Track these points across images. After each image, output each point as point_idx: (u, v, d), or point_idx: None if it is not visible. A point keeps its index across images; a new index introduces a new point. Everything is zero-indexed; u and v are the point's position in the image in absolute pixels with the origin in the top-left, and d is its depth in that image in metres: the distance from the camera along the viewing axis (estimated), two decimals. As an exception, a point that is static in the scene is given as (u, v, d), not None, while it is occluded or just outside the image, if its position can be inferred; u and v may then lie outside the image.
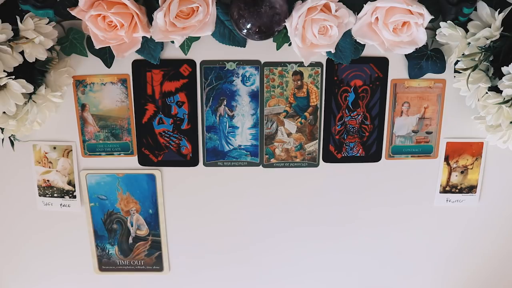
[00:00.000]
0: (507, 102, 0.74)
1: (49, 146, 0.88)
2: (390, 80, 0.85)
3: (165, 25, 0.71)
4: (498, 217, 0.96)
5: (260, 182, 0.92)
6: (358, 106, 0.87)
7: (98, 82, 0.84)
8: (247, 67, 0.84)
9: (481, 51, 0.74)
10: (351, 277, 1.01)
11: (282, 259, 0.99)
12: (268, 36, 0.74)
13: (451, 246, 0.98)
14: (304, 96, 0.86)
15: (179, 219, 0.94)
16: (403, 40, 0.74)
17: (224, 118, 0.87)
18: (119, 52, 0.75)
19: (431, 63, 0.82)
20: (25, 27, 0.71)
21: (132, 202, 0.93)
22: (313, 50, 0.75)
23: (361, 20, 0.73)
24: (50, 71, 0.78)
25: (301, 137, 0.89)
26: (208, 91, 0.85)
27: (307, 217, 0.95)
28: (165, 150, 0.89)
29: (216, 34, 0.77)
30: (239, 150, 0.89)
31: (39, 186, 0.91)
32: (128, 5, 0.70)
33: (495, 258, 1.00)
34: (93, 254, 0.97)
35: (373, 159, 0.90)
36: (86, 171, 0.90)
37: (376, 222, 0.96)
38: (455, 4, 0.73)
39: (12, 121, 0.76)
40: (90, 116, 0.86)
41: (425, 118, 0.88)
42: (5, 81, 0.70)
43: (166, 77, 0.84)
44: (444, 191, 0.93)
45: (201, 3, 0.70)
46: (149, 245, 0.96)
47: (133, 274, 0.99)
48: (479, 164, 0.92)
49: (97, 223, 0.94)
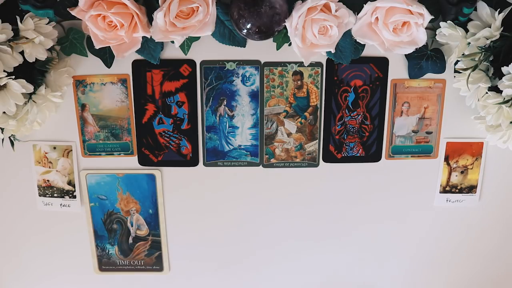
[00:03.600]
0: (507, 102, 0.74)
1: (49, 146, 0.88)
2: (390, 80, 0.85)
3: (165, 25, 0.71)
4: (498, 217, 0.96)
5: (260, 182, 0.92)
6: (358, 106, 0.87)
7: (98, 82, 0.84)
8: (247, 67, 0.84)
9: (481, 51, 0.74)
10: (351, 276, 1.01)
11: (282, 258, 0.98)
12: (268, 36, 0.74)
13: (451, 246, 0.98)
14: (304, 96, 0.86)
15: (179, 219, 0.94)
16: (403, 40, 0.74)
17: (224, 118, 0.87)
18: (119, 52, 0.75)
19: (431, 63, 0.82)
20: (25, 27, 0.71)
21: (132, 202, 0.93)
22: (313, 50, 0.75)
23: (361, 20, 0.73)
24: (50, 71, 0.78)
25: (301, 137, 0.89)
26: (208, 91, 0.85)
27: (307, 217, 0.95)
28: (165, 150, 0.89)
29: (216, 34, 0.77)
30: (239, 150, 0.89)
31: (39, 186, 0.91)
32: (128, 5, 0.70)
33: (495, 258, 1.00)
34: (93, 254, 0.97)
35: (373, 159, 0.90)
36: (86, 171, 0.90)
37: (376, 222, 0.96)
38: (455, 4, 0.73)
39: (12, 121, 0.76)
40: (90, 116, 0.86)
41: (425, 118, 0.88)
42: (5, 81, 0.70)
43: (166, 77, 0.84)
44: (444, 191, 0.93)
45: (201, 3, 0.70)
46: (149, 245, 0.96)
47: (133, 274, 0.99)
48: (479, 164, 0.91)
49: (97, 223, 0.94)
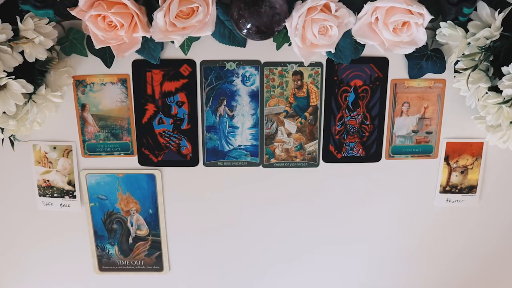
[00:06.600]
0: (507, 102, 0.74)
1: (49, 146, 0.88)
2: (390, 80, 0.85)
3: (165, 25, 0.71)
4: (498, 217, 0.96)
5: (260, 182, 0.91)
6: (358, 106, 0.87)
7: (98, 82, 0.84)
8: (247, 67, 0.84)
9: (481, 51, 0.74)
10: (351, 276, 1.01)
11: (282, 258, 0.98)
12: (268, 36, 0.74)
13: (451, 246, 0.98)
14: (304, 96, 0.86)
15: (179, 219, 0.94)
16: (403, 40, 0.74)
17: (224, 118, 0.87)
18: (119, 52, 0.75)
19: (431, 63, 0.82)
20: (25, 27, 0.71)
21: (132, 202, 0.93)
22: (313, 50, 0.75)
23: (361, 20, 0.73)
24: (50, 71, 0.78)
25: (301, 137, 0.89)
26: (208, 91, 0.85)
27: (307, 217, 0.95)
28: (165, 150, 0.89)
29: (216, 34, 0.77)
30: (239, 150, 0.89)
31: (39, 186, 0.91)
32: (128, 5, 0.70)
33: (495, 258, 1.00)
34: (93, 254, 0.97)
35: (373, 159, 0.90)
36: (86, 171, 0.90)
37: (376, 222, 0.96)
38: (455, 4, 0.73)
39: (12, 121, 0.76)
40: (90, 116, 0.86)
41: (425, 118, 0.88)
42: (5, 81, 0.70)
43: (166, 77, 0.84)
44: (444, 191, 0.93)
45: (201, 3, 0.70)
46: (149, 245, 0.96)
47: (133, 274, 0.99)
48: (479, 164, 0.91)
49: (97, 223, 0.94)
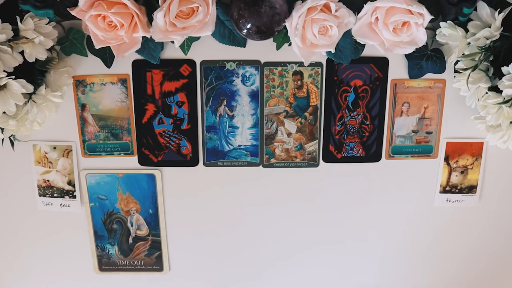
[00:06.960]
0: (507, 102, 0.74)
1: (49, 146, 0.88)
2: (390, 80, 0.85)
3: (165, 25, 0.71)
4: (498, 217, 0.96)
5: (260, 182, 0.91)
6: (358, 106, 0.87)
7: (98, 82, 0.84)
8: (247, 67, 0.84)
9: (481, 51, 0.74)
10: (350, 276, 1.01)
11: (282, 258, 0.98)
12: (268, 36, 0.74)
13: (451, 246, 0.98)
14: (304, 96, 0.86)
15: (179, 219, 0.94)
16: (403, 40, 0.74)
17: (224, 118, 0.87)
18: (119, 52, 0.75)
19: (431, 63, 0.82)
20: (25, 27, 0.71)
21: (132, 202, 0.93)
22: (313, 50, 0.75)
23: (361, 20, 0.73)
24: (50, 71, 0.78)
25: (301, 137, 0.89)
26: (208, 91, 0.85)
27: (307, 217, 0.95)
28: (165, 150, 0.89)
29: (216, 34, 0.77)
30: (239, 150, 0.89)
31: (39, 186, 0.91)
32: (128, 5, 0.70)
33: (496, 257, 1.00)
34: (93, 254, 0.97)
35: (373, 159, 0.90)
36: (86, 171, 0.90)
37: (376, 222, 0.96)
38: (455, 4, 0.73)
39: (12, 121, 0.76)
40: (90, 116, 0.86)
41: (425, 118, 0.88)
42: (5, 81, 0.70)
43: (166, 77, 0.84)
44: (444, 191, 0.93)
45: (201, 3, 0.70)
46: (149, 245, 0.96)
47: (133, 274, 0.99)
48: (479, 164, 0.91)
49: (97, 223, 0.94)
